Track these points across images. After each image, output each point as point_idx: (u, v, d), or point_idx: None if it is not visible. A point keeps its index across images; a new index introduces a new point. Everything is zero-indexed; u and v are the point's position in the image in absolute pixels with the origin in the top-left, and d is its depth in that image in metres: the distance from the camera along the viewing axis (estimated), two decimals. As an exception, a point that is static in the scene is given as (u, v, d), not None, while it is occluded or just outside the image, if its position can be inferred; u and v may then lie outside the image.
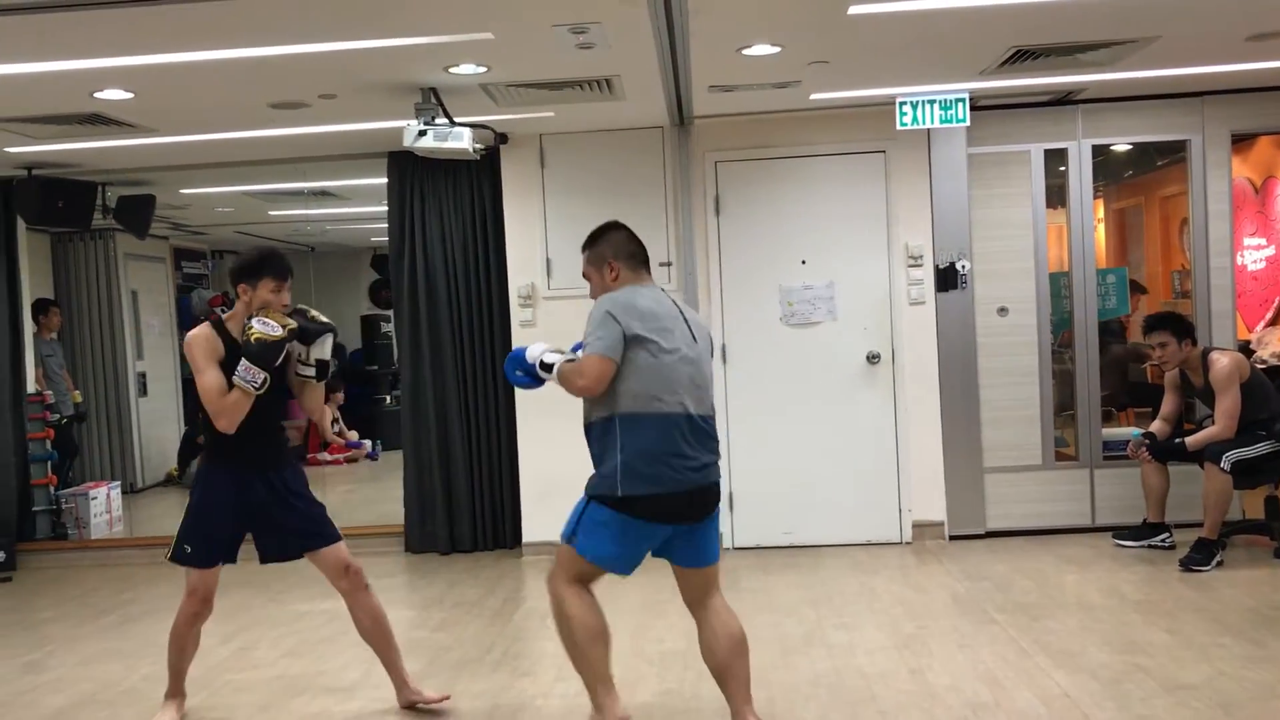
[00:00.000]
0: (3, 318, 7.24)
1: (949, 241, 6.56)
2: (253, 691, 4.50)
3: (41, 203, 6.94)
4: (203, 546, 4.01)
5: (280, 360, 3.92)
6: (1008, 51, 5.23)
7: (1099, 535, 6.46)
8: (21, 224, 7.35)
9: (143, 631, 5.50)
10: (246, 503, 3.99)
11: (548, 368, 3.72)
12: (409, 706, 4.15)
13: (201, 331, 3.94)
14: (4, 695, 4.61)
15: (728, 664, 3.64)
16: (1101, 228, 7.71)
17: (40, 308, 8.21)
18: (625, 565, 3.67)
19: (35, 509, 7.50)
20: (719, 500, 3.67)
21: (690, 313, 3.72)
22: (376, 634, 4.12)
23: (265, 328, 3.85)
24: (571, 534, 3.69)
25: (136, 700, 4.44)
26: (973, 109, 6.15)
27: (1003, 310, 6.61)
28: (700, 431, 3.55)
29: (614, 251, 3.76)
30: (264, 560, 4.12)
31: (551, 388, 3.81)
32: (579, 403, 6.82)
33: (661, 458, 3.46)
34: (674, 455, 3.48)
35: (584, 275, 3.87)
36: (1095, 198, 6.80)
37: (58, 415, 8.09)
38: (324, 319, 4.10)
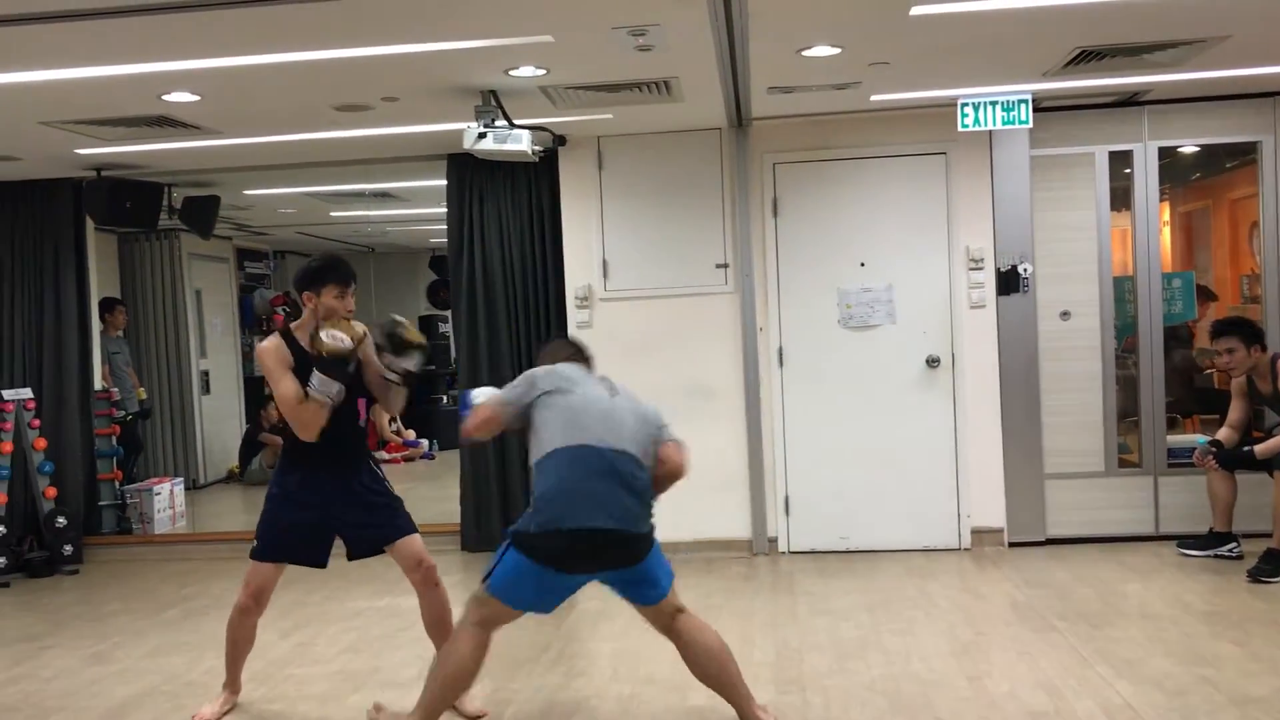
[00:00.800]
0: (71, 316, 7.39)
1: (1011, 244, 6.48)
2: (313, 685, 4.56)
3: (110, 203, 7.09)
4: (262, 542, 4.09)
5: (353, 368, 3.98)
6: (1072, 52, 5.16)
7: (1163, 544, 6.34)
8: (90, 224, 7.50)
9: (205, 625, 5.59)
10: (318, 503, 4.03)
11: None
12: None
13: (271, 343, 4.00)
14: (73, 685, 4.71)
15: (717, 674, 3.69)
16: (1167, 231, 7.57)
17: (107, 306, 8.37)
18: (532, 603, 3.71)
19: (101, 504, 7.65)
20: (629, 554, 3.60)
21: (625, 394, 3.86)
22: (438, 631, 4.15)
23: (334, 341, 3.87)
24: (488, 573, 3.68)
25: (199, 692, 4.51)
26: (1036, 110, 6.08)
27: (1065, 314, 6.52)
28: (618, 468, 3.55)
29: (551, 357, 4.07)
30: (351, 558, 4.18)
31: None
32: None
33: (559, 498, 3.52)
34: (589, 488, 3.51)
35: None
36: (1161, 200, 6.68)
37: (123, 412, 8.25)
38: (418, 336, 4.08)
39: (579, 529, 3.47)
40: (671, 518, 6.58)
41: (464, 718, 4.08)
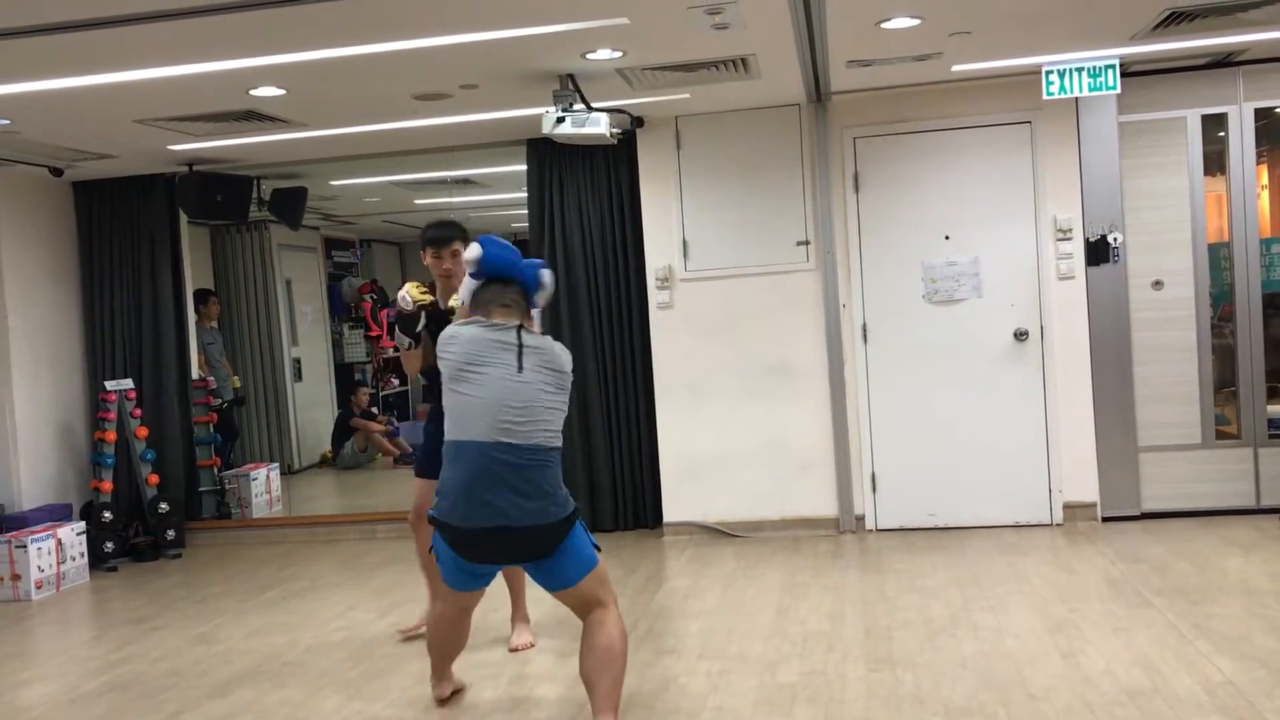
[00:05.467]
0: (168, 308, 7.61)
1: (1100, 213, 6.34)
2: (409, 664, 4.66)
3: (201, 197, 7.27)
4: (420, 463, 4.70)
5: (419, 328, 4.42)
6: (1161, 14, 5.01)
7: (1264, 517, 6.18)
8: (183, 218, 7.71)
9: (304, 606, 5.74)
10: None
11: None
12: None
13: None
14: (179, 665, 4.88)
15: (590, 676, 3.59)
16: (1265, 195, 7.33)
17: (201, 297, 8.58)
18: (457, 581, 3.72)
19: (201, 489, 7.88)
20: (533, 547, 3.52)
21: (537, 343, 3.62)
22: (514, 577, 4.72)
23: (400, 301, 4.44)
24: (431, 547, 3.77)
25: (300, 672, 4.64)
26: (1124, 75, 5.92)
27: (1158, 284, 6.36)
28: (506, 465, 3.45)
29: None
30: None
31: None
32: (717, 386, 6.85)
33: (451, 494, 3.49)
34: (471, 488, 3.46)
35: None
36: (1259, 163, 6.47)
37: (219, 400, 8.47)
38: (419, 298, 4.51)
39: (471, 529, 3.48)
40: (757, 497, 6.65)
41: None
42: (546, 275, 3.87)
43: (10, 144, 6.10)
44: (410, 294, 4.44)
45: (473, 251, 3.73)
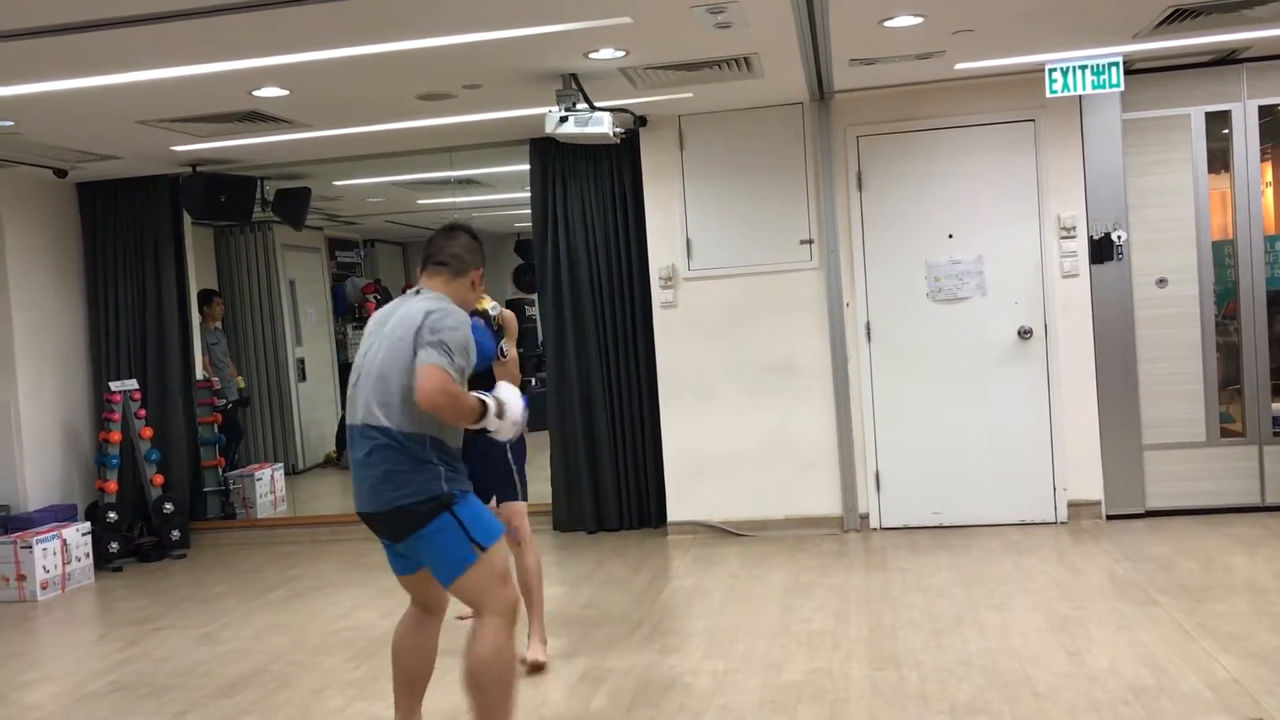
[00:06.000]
0: (172, 308, 7.62)
1: (1104, 211, 6.33)
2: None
3: (206, 198, 7.28)
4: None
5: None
6: (1165, 11, 5.01)
7: (1269, 515, 6.17)
8: (187, 218, 7.72)
9: (309, 606, 5.75)
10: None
11: None
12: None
13: None
14: (185, 665, 4.89)
15: (408, 681, 3.49)
16: (1270, 192, 7.31)
17: (205, 298, 8.60)
18: (390, 561, 3.49)
19: (206, 490, 7.90)
20: (392, 530, 3.28)
21: (408, 306, 3.35)
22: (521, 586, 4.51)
23: (495, 311, 4.37)
24: None
25: (307, 671, 4.65)
26: (1127, 72, 5.91)
27: (1162, 281, 6.35)
28: (353, 444, 3.29)
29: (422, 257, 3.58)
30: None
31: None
32: (720, 385, 6.86)
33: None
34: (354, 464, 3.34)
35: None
36: (1263, 160, 6.46)
37: (224, 400, 8.49)
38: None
39: (358, 510, 3.35)
40: (761, 496, 6.65)
41: None
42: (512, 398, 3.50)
43: (14, 145, 6.11)
44: (483, 306, 4.29)
45: None
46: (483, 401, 3.28)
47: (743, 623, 4.93)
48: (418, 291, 3.44)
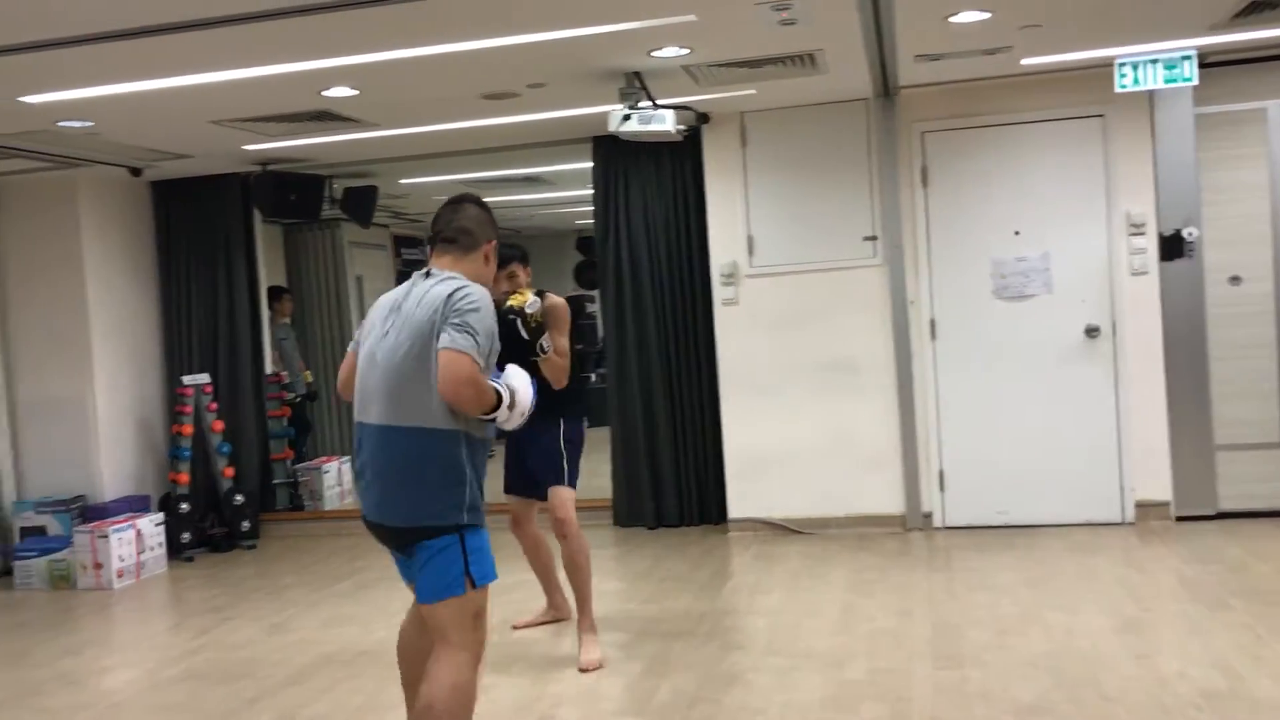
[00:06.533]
0: (243, 304, 7.77)
1: (1175, 208, 6.22)
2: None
3: (276, 196, 7.42)
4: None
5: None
6: (1241, 2, 4.91)
7: (1346, 518, 6.03)
8: (258, 216, 7.86)
9: (375, 597, 5.84)
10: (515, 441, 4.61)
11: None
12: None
13: None
14: (256, 654, 5.00)
15: (414, 681, 3.17)
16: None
17: (274, 294, 8.74)
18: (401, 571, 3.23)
19: (275, 482, 8.05)
20: (396, 542, 3.07)
21: (423, 288, 3.06)
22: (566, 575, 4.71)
23: (532, 308, 4.34)
24: None
25: (374, 661, 4.72)
26: (1201, 66, 5.79)
27: (1235, 279, 6.23)
28: (361, 446, 3.05)
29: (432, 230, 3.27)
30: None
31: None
32: (782, 382, 6.84)
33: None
34: (357, 477, 3.13)
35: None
36: (1341, 155, 6.31)
37: (292, 394, 8.64)
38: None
39: (365, 518, 3.14)
40: (823, 494, 6.63)
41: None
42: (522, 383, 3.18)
43: (92, 145, 6.27)
44: (518, 302, 4.24)
45: None
46: (498, 393, 3.00)
47: (804, 620, 4.92)
48: (427, 273, 3.12)
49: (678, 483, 7.06)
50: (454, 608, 2.97)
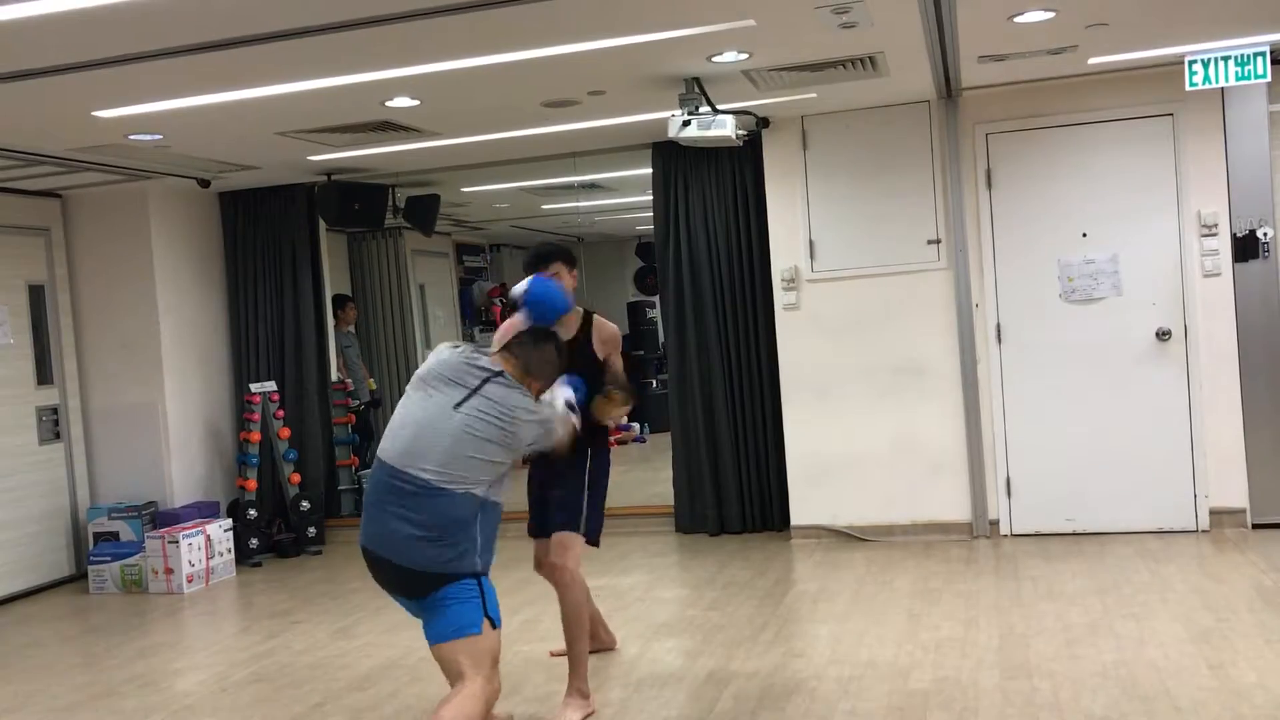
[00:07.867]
0: (309, 312, 7.88)
1: (1248, 208, 6.08)
2: (540, 661, 4.74)
3: (340, 205, 7.52)
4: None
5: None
6: (1315, -3, 4.79)
7: None
8: (322, 225, 7.97)
9: (437, 603, 5.87)
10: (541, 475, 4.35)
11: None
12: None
13: None
14: (321, 658, 5.06)
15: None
16: None
17: (338, 302, 8.85)
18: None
19: (340, 488, 8.15)
20: (405, 585, 3.33)
21: (494, 389, 3.37)
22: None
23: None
24: None
25: (436, 668, 4.74)
26: (1274, 62, 5.66)
27: (1312, 279, 6.07)
28: (397, 490, 3.28)
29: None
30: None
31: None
32: (844, 387, 6.77)
33: (364, 508, 3.41)
34: (370, 505, 3.37)
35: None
36: None
37: (356, 401, 8.74)
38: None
39: (365, 546, 3.37)
40: (887, 500, 6.57)
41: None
42: (562, 401, 3.67)
43: (162, 158, 6.40)
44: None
45: (519, 288, 3.95)
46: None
47: (869, 628, 4.87)
48: (494, 374, 3.40)
49: (740, 489, 7.03)
50: (474, 646, 3.27)
